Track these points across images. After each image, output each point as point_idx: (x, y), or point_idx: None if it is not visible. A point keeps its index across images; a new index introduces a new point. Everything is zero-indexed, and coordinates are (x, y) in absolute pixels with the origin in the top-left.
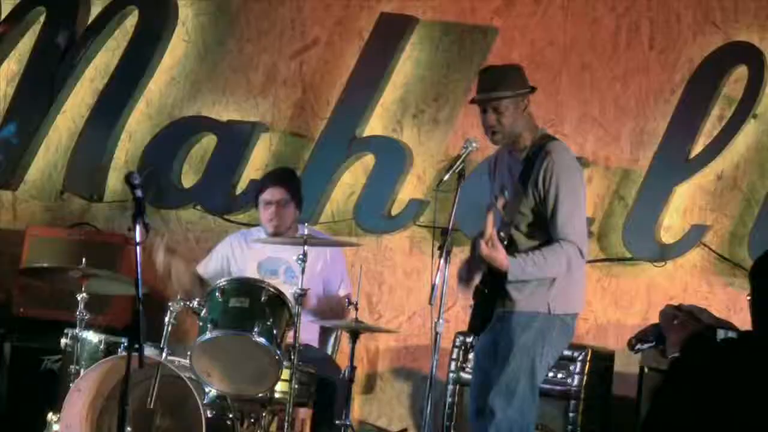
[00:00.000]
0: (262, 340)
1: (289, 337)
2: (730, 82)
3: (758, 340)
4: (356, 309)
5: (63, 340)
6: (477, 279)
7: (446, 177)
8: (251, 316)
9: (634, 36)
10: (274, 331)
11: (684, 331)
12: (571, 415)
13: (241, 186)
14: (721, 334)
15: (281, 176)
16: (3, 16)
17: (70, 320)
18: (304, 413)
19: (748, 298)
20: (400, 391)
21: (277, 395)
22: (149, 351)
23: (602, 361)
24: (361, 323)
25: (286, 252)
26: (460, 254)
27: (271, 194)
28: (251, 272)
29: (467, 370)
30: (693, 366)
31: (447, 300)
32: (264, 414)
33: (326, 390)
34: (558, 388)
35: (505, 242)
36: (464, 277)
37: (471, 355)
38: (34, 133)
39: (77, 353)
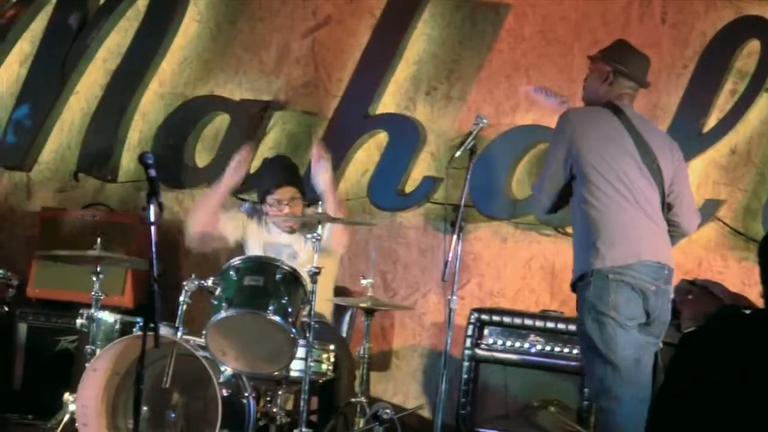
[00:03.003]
0: (276, 318)
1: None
2: (742, 56)
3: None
4: (371, 286)
5: (78, 320)
6: None
7: (458, 154)
8: (266, 294)
9: (646, 10)
10: (289, 309)
11: (699, 305)
12: (586, 390)
13: (255, 165)
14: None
15: (290, 176)
16: None
17: (86, 301)
18: (318, 392)
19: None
20: (415, 369)
21: (292, 373)
22: (164, 330)
23: None
24: (376, 300)
25: (290, 237)
26: (473, 231)
27: (282, 194)
28: (256, 252)
29: (482, 346)
30: (705, 340)
31: (460, 277)
32: (280, 392)
33: (340, 368)
34: (573, 363)
35: None
36: None
37: (486, 332)
38: (48, 115)
39: (93, 333)
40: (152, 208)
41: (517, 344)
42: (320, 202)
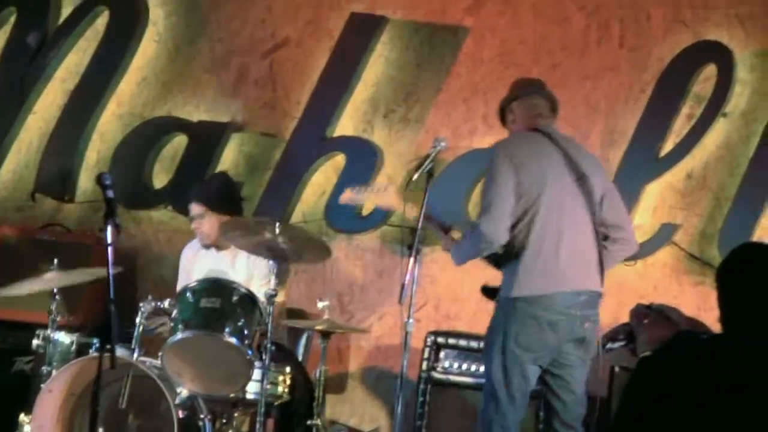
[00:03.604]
0: (233, 340)
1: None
2: (699, 80)
3: (728, 339)
4: (328, 309)
5: (35, 341)
6: None
7: (416, 176)
8: (222, 316)
9: (604, 34)
10: (246, 331)
11: (655, 329)
12: (541, 414)
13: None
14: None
15: (198, 191)
16: None
17: (42, 321)
18: (274, 414)
19: None
20: (371, 391)
21: (248, 395)
22: (120, 352)
23: None
24: (332, 323)
25: (225, 263)
26: (430, 254)
27: (191, 209)
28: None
29: (438, 369)
30: (664, 364)
31: (417, 299)
32: (236, 414)
33: (296, 391)
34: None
35: None
36: None
37: (442, 354)
38: (5, 134)
39: (49, 354)
40: (109, 229)
41: (473, 367)
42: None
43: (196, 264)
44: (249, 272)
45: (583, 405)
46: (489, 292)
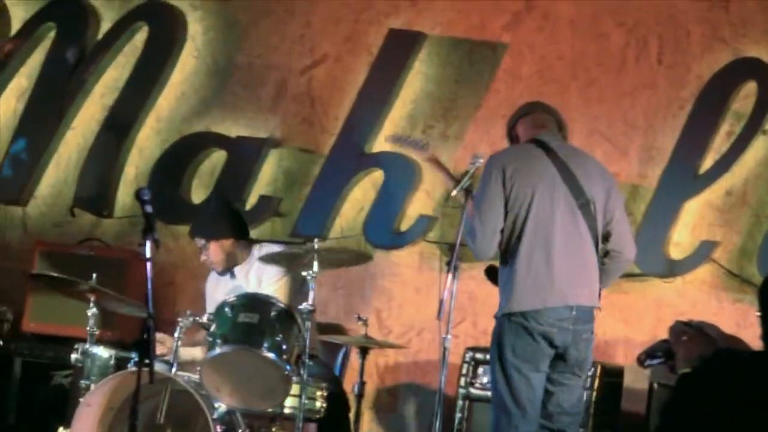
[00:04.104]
0: (271, 355)
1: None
2: (739, 97)
3: None
4: (366, 324)
5: (73, 355)
6: None
7: (454, 193)
8: (260, 331)
9: (642, 51)
10: (284, 347)
11: (693, 346)
12: (580, 430)
13: (251, 202)
14: None
15: (194, 224)
16: (13, 32)
17: (81, 335)
18: (312, 428)
19: (758, 314)
20: (409, 407)
21: (286, 410)
22: (159, 366)
23: (611, 376)
24: (370, 339)
25: (242, 280)
26: (469, 270)
27: (197, 242)
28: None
29: (476, 385)
30: (704, 381)
31: (455, 315)
32: (273, 429)
33: (335, 406)
34: None
35: None
36: None
37: (480, 370)
38: (44, 149)
39: (87, 368)
40: (148, 244)
41: None
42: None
43: (218, 292)
44: (258, 277)
45: (572, 417)
46: (493, 273)
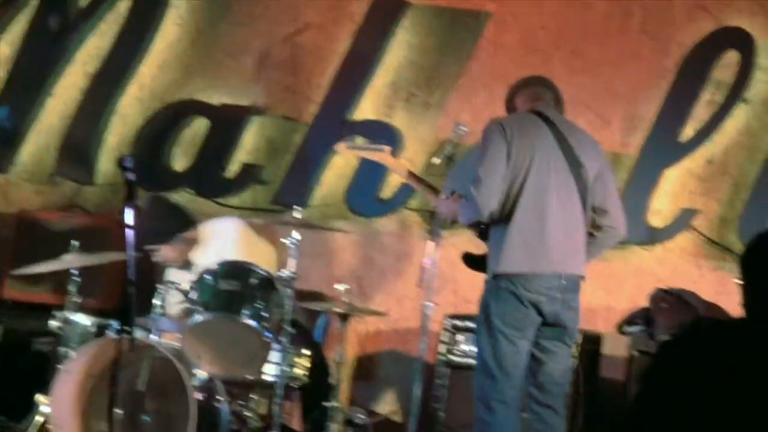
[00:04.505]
0: (252, 322)
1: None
2: (720, 66)
3: (750, 325)
4: (347, 292)
5: (53, 322)
6: None
7: (436, 161)
8: (241, 298)
9: (625, 21)
10: (264, 314)
11: (673, 314)
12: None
13: (233, 169)
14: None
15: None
16: None
17: (61, 303)
18: (292, 396)
19: (738, 282)
20: (389, 374)
21: (267, 378)
22: (139, 334)
23: (591, 344)
24: (351, 306)
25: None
26: (450, 237)
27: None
28: None
29: (456, 353)
30: (684, 349)
31: (436, 283)
32: (253, 396)
33: (316, 373)
34: None
35: None
36: None
37: (460, 338)
38: (26, 117)
39: (68, 335)
40: (130, 212)
41: None
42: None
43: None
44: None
45: (561, 386)
46: (470, 260)
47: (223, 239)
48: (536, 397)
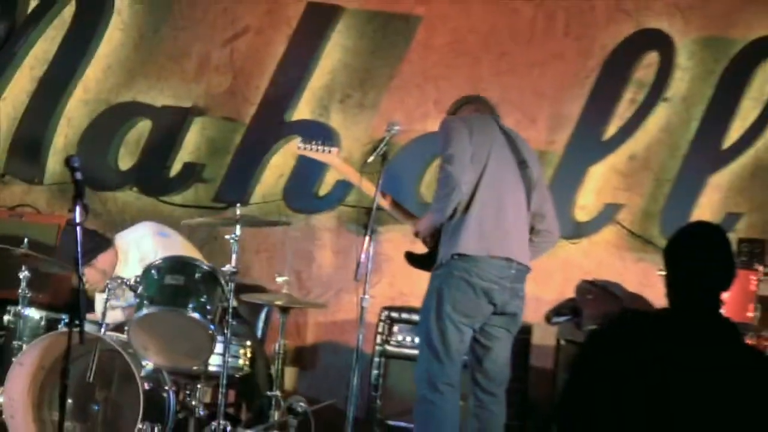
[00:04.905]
0: (196, 315)
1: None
2: (641, 67)
3: (673, 316)
4: (287, 285)
5: (6, 317)
6: None
7: (371, 159)
8: (186, 292)
9: (550, 24)
10: (208, 307)
11: (599, 305)
12: None
13: (176, 168)
14: None
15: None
16: None
17: (13, 298)
18: (236, 386)
19: (660, 273)
20: (328, 364)
21: (211, 368)
22: (88, 327)
23: (521, 333)
24: (291, 298)
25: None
26: (385, 233)
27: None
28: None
29: (392, 343)
30: (611, 340)
31: (372, 276)
32: (199, 386)
33: (257, 363)
34: None
35: None
36: None
37: (395, 329)
38: None
39: (20, 329)
40: (78, 210)
41: None
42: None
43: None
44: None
45: (504, 374)
46: (412, 258)
47: (142, 245)
48: (481, 383)
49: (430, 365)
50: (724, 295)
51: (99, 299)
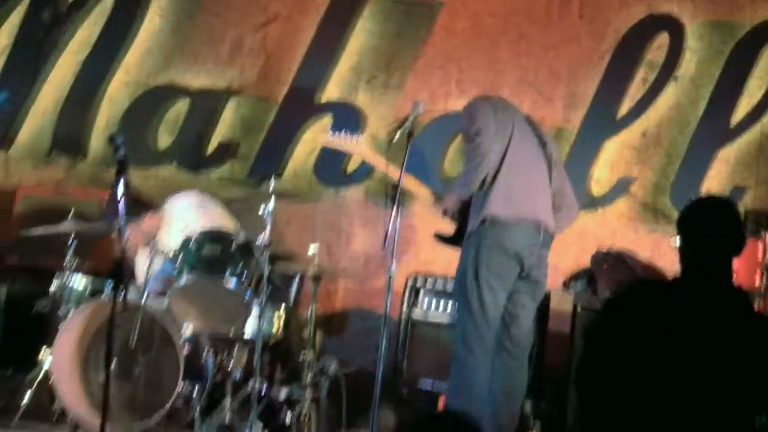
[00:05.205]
0: (233, 283)
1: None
2: (652, 48)
3: (684, 285)
4: (318, 255)
5: (53, 285)
6: None
7: (397, 136)
8: (223, 262)
9: (565, 8)
10: (244, 275)
11: (613, 274)
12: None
13: (212, 146)
14: None
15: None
16: None
17: (60, 268)
18: (270, 349)
19: (672, 243)
20: (357, 329)
21: (246, 333)
22: (131, 294)
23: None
24: (322, 267)
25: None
26: (410, 206)
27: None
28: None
29: (417, 309)
30: (626, 308)
31: (398, 247)
32: (235, 350)
33: (290, 328)
34: None
35: None
36: None
37: (420, 296)
38: (24, 101)
39: (66, 296)
40: (121, 185)
41: (449, 308)
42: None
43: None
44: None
45: (528, 340)
46: (442, 237)
47: (185, 216)
48: (507, 348)
49: (465, 327)
50: (735, 264)
51: (140, 263)
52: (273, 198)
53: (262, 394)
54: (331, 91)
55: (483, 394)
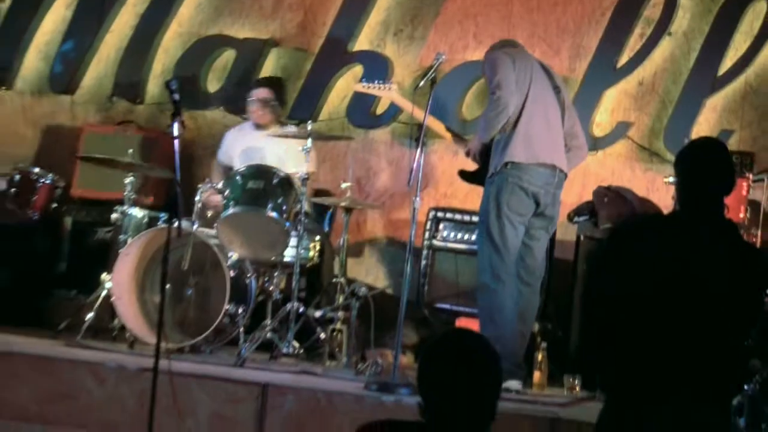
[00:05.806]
0: (274, 214)
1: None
2: (649, 6)
3: (680, 216)
4: (350, 189)
5: (114, 215)
6: None
7: (421, 83)
8: (265, 195)
9: None
10: (284, 207)
11: (613, 207)
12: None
13: None
14: None
15: (268, 81)
16: None
17: (120, 199)
18: (306, 273)
19: (666, 181)
20: (383, 256)
21: (286, 259)
22: (184, 223)
23: None
24: (353, 200)
25: (266, 143)
26: (432, 146)
27: (257, 94)
28: (237, 156)
29: (438, 238)
30: (623, 238)
31: (422, 182)
32: (276, 274)
33: (325, 255)
34: None
35: None
36: None
37: (441, 226)
38: (88, 49)
39: (125, 225)
40: (176, 125)
41: (467, 236)
42: (309, 122)
43: (244, 141)
44: (281, 157)
45: (541, 269)
46: (465, 174)
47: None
48: (522, 276)
49: (491, 258)
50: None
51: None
52: (310, 138)
53: (299, 313)
54: (361, 43)
55: (514, 317)
